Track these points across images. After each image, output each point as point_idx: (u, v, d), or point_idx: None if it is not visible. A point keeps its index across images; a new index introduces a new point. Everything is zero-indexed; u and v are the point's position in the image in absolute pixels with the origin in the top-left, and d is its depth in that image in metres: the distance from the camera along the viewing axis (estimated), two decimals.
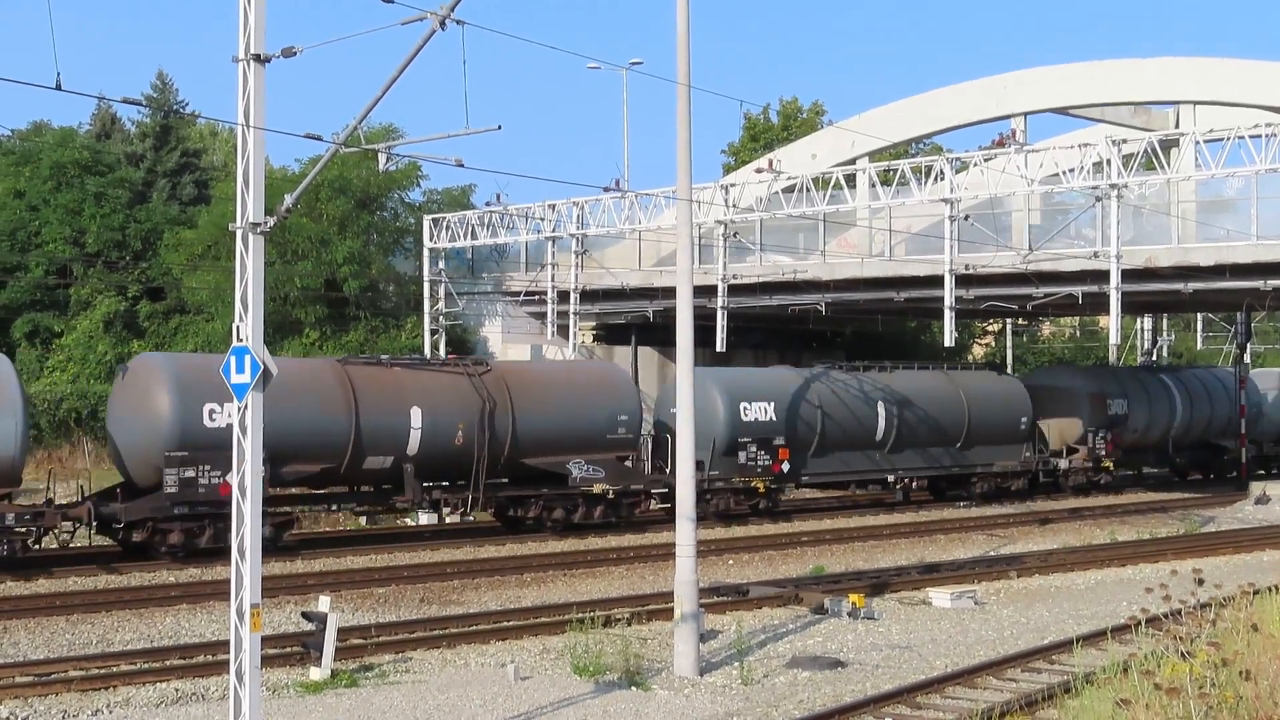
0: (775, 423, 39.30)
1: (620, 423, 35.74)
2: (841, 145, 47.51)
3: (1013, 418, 46.08)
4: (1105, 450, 48.25)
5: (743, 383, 39.94)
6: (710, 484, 37.78)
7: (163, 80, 66.67)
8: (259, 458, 13.63)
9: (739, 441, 38.23)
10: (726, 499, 38.46)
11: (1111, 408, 48.77)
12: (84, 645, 21.04)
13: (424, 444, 32.03)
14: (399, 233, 51.96)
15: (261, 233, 13.55)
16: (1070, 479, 48.04)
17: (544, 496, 34.67)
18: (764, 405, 38.93)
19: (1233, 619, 15.06)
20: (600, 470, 35.10)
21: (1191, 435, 53.48)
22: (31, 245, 48.70)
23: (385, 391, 32.07)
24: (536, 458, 34.23)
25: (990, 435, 45.13)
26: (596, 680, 18.80)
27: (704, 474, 37.10)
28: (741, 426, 38.45)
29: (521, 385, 34.41)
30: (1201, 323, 76.60)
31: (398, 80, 13.89)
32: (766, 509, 39.44)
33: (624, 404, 36.26)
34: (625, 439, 35.94)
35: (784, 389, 40.30)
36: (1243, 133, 34.00)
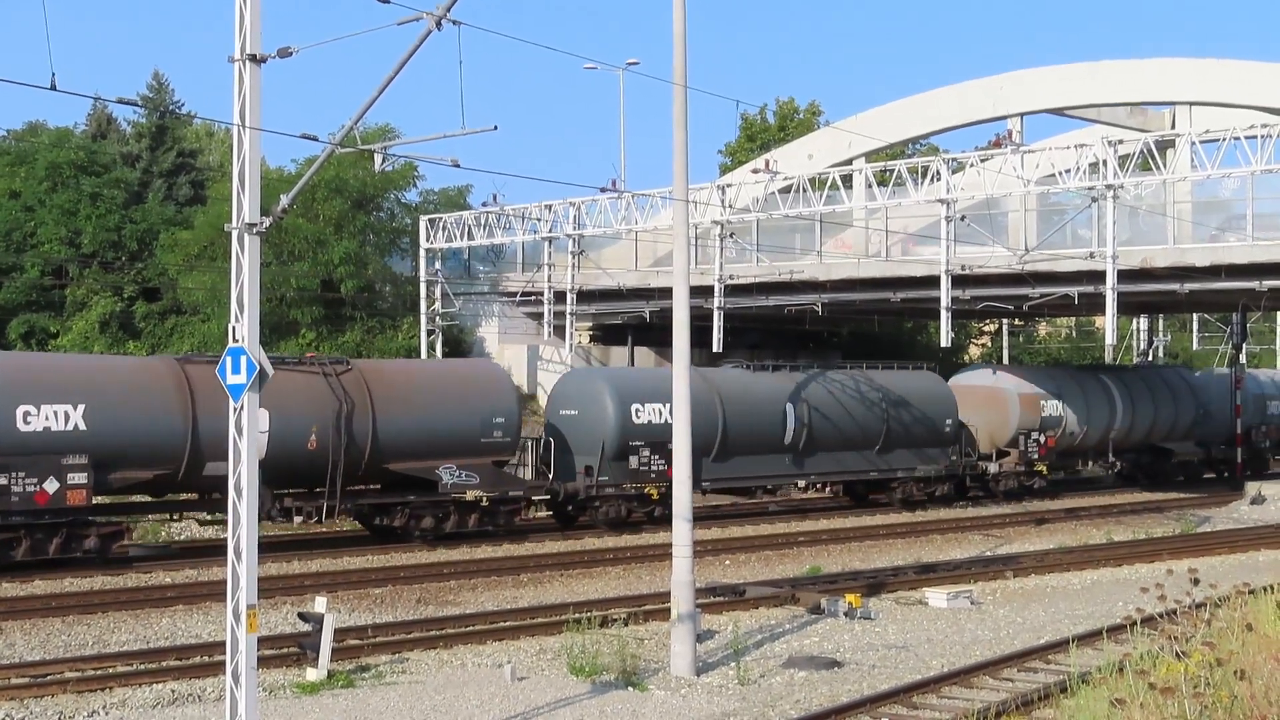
0: (669, 424, 36.98)
1: (496, 425, 33.52)
2: (838, 146, 47.56)
3: (936, 419, 43.56)
4: (1038, 453, 46.32)
5: (635, 383, 38.04)
6: (599, 490, 35.82)
7: (158, 80, 66.57)
8: (255, 459, 13.63)
9: (630, 445, 35.96)
10: (618, 506, 36.15)
11: (1045, 409, 46.57)
12: (80, 646, 21.03)
13: (273, 448, 29.28)
14: (395, 233, 51.95)
15: (257, 233, 13.56)
16: (1001, 483, 45.93)
17: (411, 504, 32.53)
18: (658, 406, 36.17)
19: (1228, 619, 15.08)
20: (474, 476, 32.98)
21: (1134, 438, 51.20)
22: (27, 246, 48.65)
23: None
24: (401, 463, 32.09)
25: (911, 438, 42.70)
26: (593, 680, 18.81)
27: (592, 479, 35.59)
28: (633, 429, 36.16)
29: (384, 385, 32.19)
30: (1197, 323, 76.71)
31: (394, 80, 13.91)
32: (662, 516, 35.41)
33: (500, 405, 33.93)
34: (502, 443, 33.76)
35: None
36: (1239, 133, 34.05)
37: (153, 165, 61.52)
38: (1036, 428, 46.21)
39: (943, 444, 43.98)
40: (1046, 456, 46.72)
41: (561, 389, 38.01)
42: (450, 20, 13.66)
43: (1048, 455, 46.75)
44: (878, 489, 43.67)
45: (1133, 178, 35.95)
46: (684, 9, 20.07)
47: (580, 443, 36.15)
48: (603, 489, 35.94)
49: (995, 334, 71.77)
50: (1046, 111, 46.19)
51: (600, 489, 35.88)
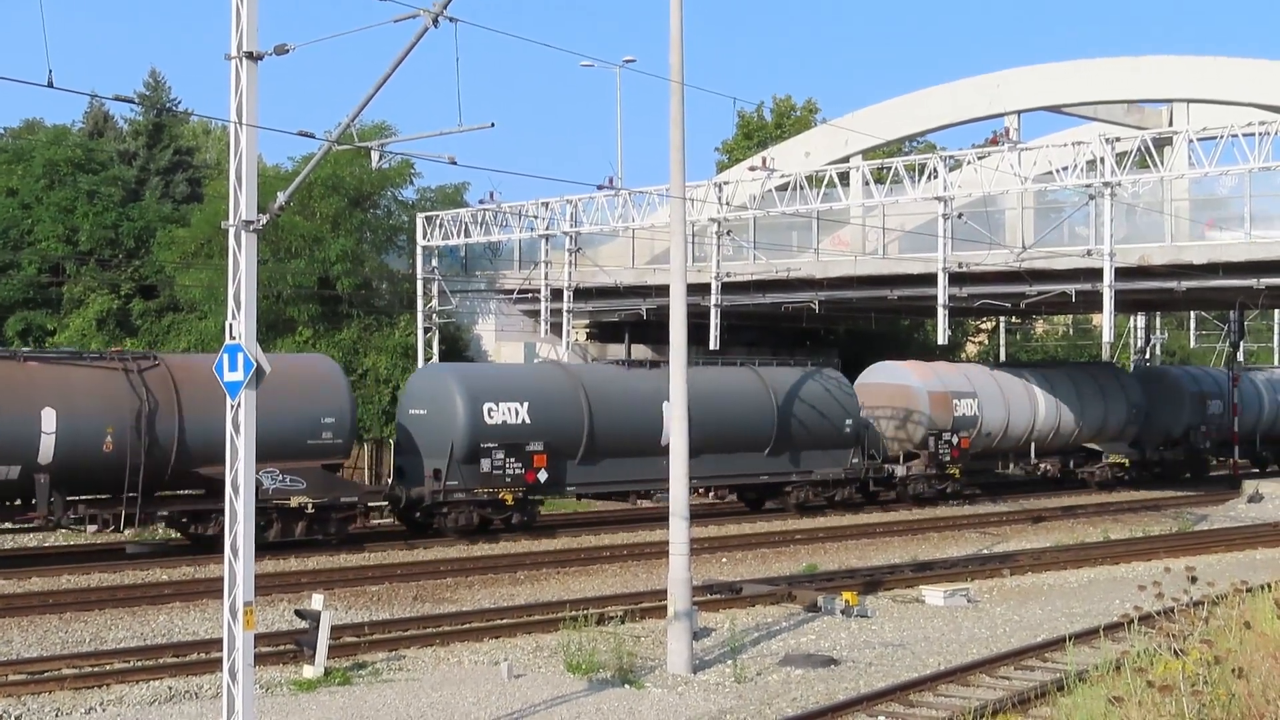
0: (529, 425, 34.49)
1: (325, 426, 30.98)
2: (835, 143, 47.50)
3: (835, 420, 41.04)
4: (951, 455, 43.74)
5: (489, 380, 35.88)
6: (446, 496, 33.42)
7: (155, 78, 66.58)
8: (252, 456, 13.62)
9: (482, 447, 33.51)
10: (468, 512, 33.74)
11: (959, 408, 44.23)
12: (77, 643, 21.03)
13: (61, 451, 27.50)
14: (392, 230, 51.89)
15: (254, 231, 13.55)
16: (910, 487, 43.38)
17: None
18: (514, 406, 34.22)
19: (1225, 616, 15.08)
20: (300, 481, 30.57)
21: (1060, 439, 48.81)
22: (24, 243, 48.62)
23: (11, 390, 27.64)
24: (214, 466, 28.20)
25: (808, 439, 40.10)
26: (590, 678, 18.81)
27: (439, 485, 33.34)
28: (485, 430, 33.78)
29: (194, 382, 29.14)
30: (1195, 321, 76.77)
31: (390, 78, 13.89)
32: (522, 524, 34.71)
33: (331, 404, 31.34)
34: (332, 444, 31.25)
35: (542, 387, 35.77)
36: (1236, 131, 34.04)
37: (150, 163, 61.50)
38: (949, 428, 43.81)
39: (843, 445, 41.46)
40: (960, 459, 44.21)
41: (411, 387, 35.94)
42: (447, 17, 13.65)
43: (961, 457, 44.24)
44: (773, 494, 41.09)
45: (1130, 175, 35.95)
46: (681, 7, 20.06)
47: (429, 445, 33.97)
48: (451, 494, 33.52)
49: (992, 332, 71.77)
50: (1043, 109, 46.16)
51: (449, 494, 33.48)
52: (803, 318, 47.49)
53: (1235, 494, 47.25)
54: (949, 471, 44.02)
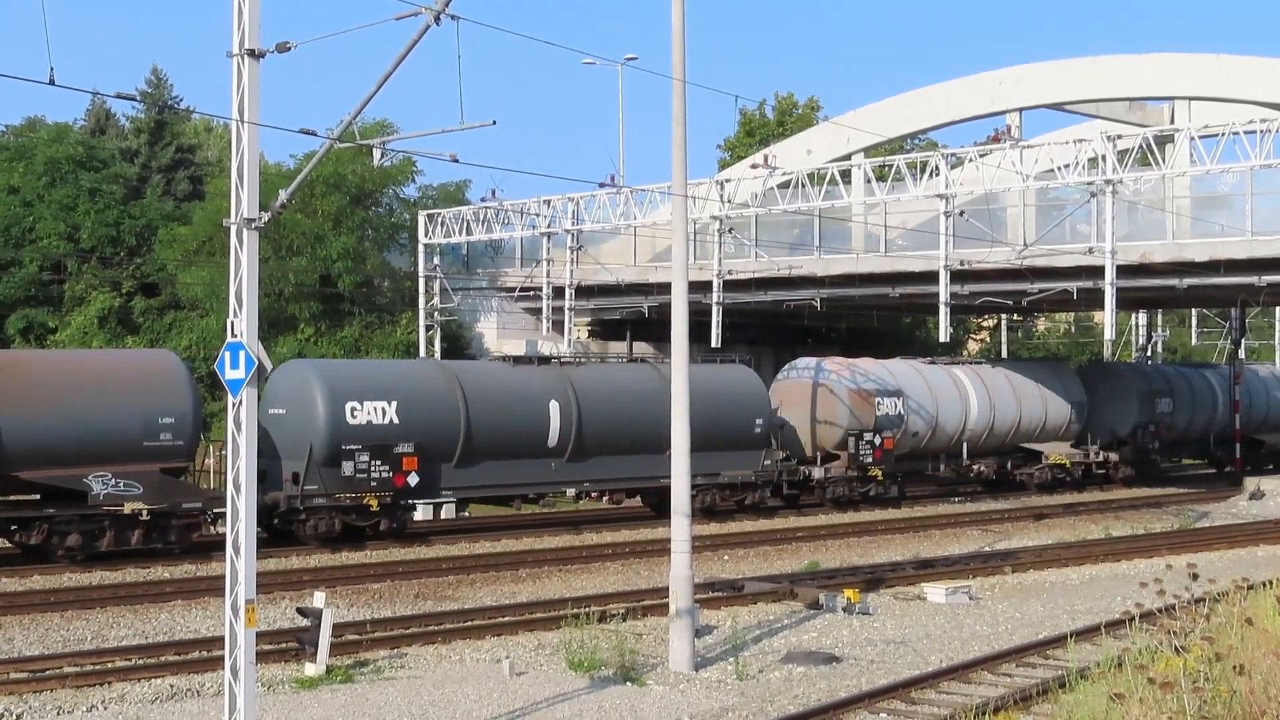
0: (397, 426, 32.20)
1: (164, 426, 28.77)
2: (837, 141, 47.51)
3: (744, 419, 38.81)
4: (873, 456, 41.60)
5: (354, 377, 33.30)
6: (305, 501, 31.14)
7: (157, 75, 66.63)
8: (254, 453, 13.62)
9: (344, 449, 31.13)
10: (329, 519, 31.39)
11: (882, 407, 42.18)
12: (79, 641, 21.04)
13: None
14: (394, 228, 51.90)
15: (256, 228, 13.55)
16: (830, 490, 41.24)
17: (52, 519, 27.86)
18: (380, 405, 32.02)
19: (1227, 613, 15.08)
20: (135, 486, 28.40)
21: (995, 439, 46.84)
22: (26, 241, 48.63)
23: None
24: (37, 470, 27.43)
25: (713, 440, 36.55)
26: (591, 675, 18.81)
27: (298, 489, 31.06)
28: (348, 431, 31.57)
29: (16, 380, 27.72)
30: (1196, 318, 76.76)
31: (392, 76, 13.89)
32: (390, 531, 32.51)
33: (170, 402, 29.05)
34: (172, 446, 28.94)
35: (412, 385, 33.49)
36: (1238, 128, 34.05)
37: (151, 160, 61.55)
38: (870, 428, 41.75)
39: (754, 446, 39.17)
40: (883, 460, 42.03)
41: (271, 384, 33.21)
42: (449, 15, 13.65)
43: (884, 459, 42.06)
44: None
45: (1132, 173, 35.96)
46: (683, 5, 20.05)
47: (288, 446, 31.64)
48: (310, 499, 31.32)
49: (994, 329, 71.79)
50: (1045, 107, 46.17)
51: (307, 499, 31.28)
52: (804, 315, 47.49)
53: (1237, 491, 47.24)
54: (871, 473, 41.85)
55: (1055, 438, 49.00)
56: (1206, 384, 55.70)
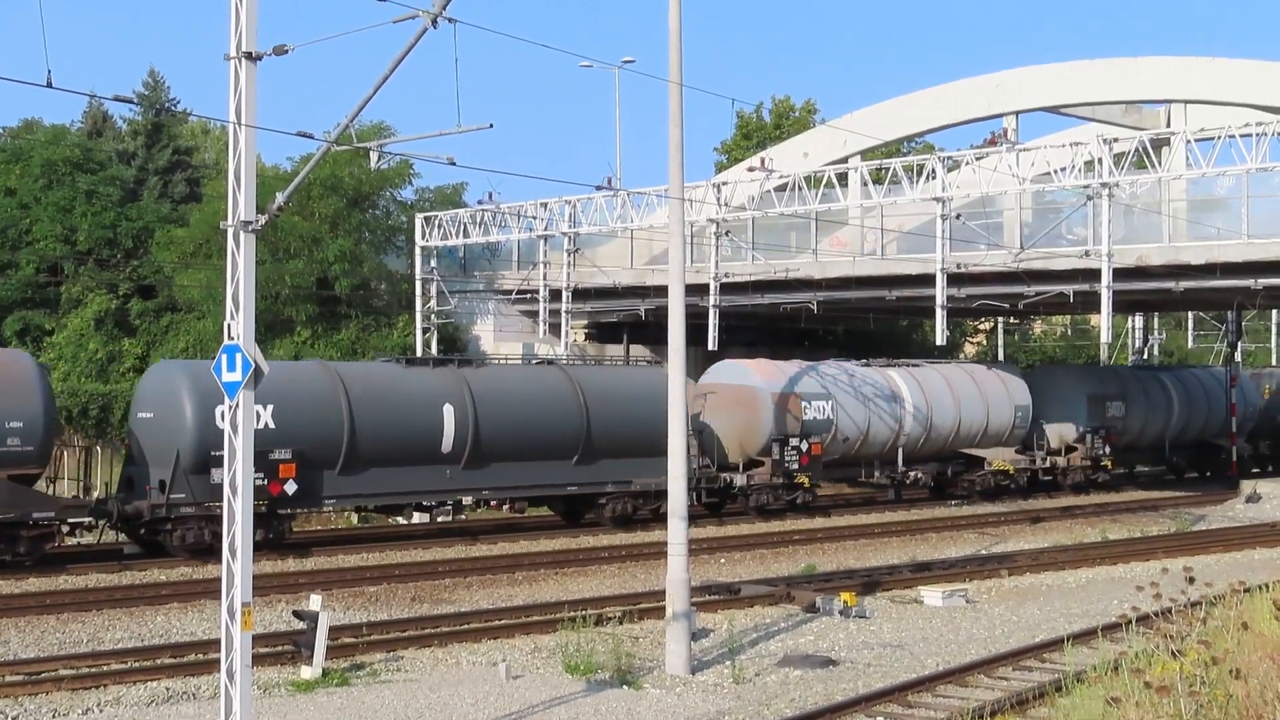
0: (273, 431, 30.04)
1: (12, 431, 27.13)
2: (833, 144, 47.53)
3: (659, 424, 35.58)
4: (800, 463, 39.83)
5: None
6: (170, 510, 29.14)
7: (154, 78, 66.49)
8: (250, 456, 13.62)
9: (214, 455, 28.11)
10: (199, 529, 29.30)
11: (809, 411, 40.32)
12: (74, 644, 21.04)
13: None
14: (391, 231, 51.91)
15: (253, 231, 13.57)
16: (753, 497, 39.34)
17: None
18: (254, 408, 31.17)
19: (1223, 617, 15.09)
20: None
21: (933, 445, 44.75)
22: (22, 243, 48.62)
23: None
24: None
25: (626, 446, 35.70)
26: (588, 679, 18.82)
27: (163, 497, 29.08)
28: (218, 436, 29.09)
29: None
30: (1193, 321, 76.84)
31: (389, 78, 13.90)
32: (266, 542, 30.07)
33: (18, 406, 27.41)
34: (21, 452, 27.30)
35: (291, 388, 31.20)
36: (1233, 132, 34.06)
37: (148, 163, 61.49)
38: (797, 433, 39.81)
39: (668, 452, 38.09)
40: (810, 466, 40.12)
41: (140, 387, 31.92)
42: (446, 18, 13.66)
43: (811, 465, 40.14)
44: (588, 506, 36.91)
45: (1128, 176, 35.97)
46: (679, 7, 20.07)
47: (155, 452, 29.94)
48: (177, 508, 29.29)
49: (990, 332, 71.82)
50: (1042, 110, 46.17)
51: (174, 508, 29.26)
52: (801, 318, 47.49)
53: (1233, 494, 47.26)
54: (798, 480, 39.96)
55: (998, 443, 46.92)
56: (1160, 387, 53.37)
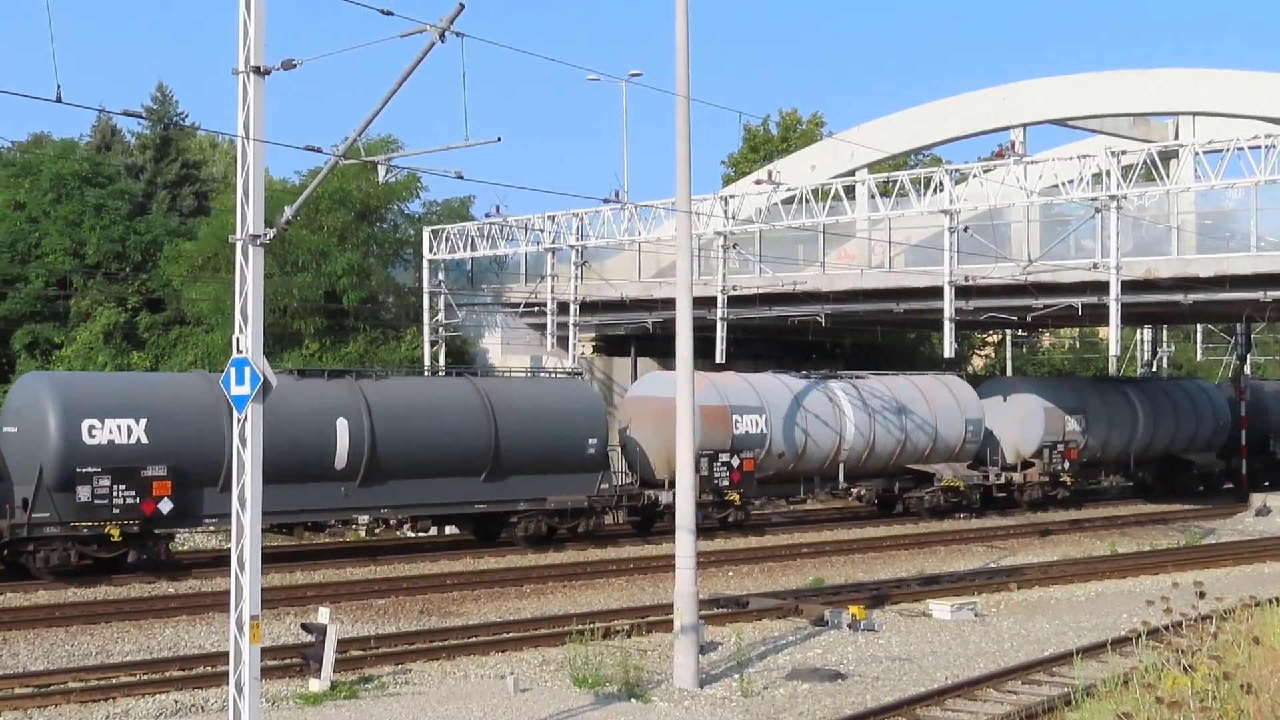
0: (146, 446, 28.58)
1: None
2: (841, 156, 47.57)
3: (576, 439, 35.26)
4: (730, 480, 37.94)
5: (96, 392, 29.43)
6: (33, 531, 27.57)
7: (163, 92, 66.75)
8: (259, 469, 13.61)
9: (80, 472, 27.40)
10: (64, 550, 27.82)
11: (741, 425, 38.60)
12: (83, 656, 21.04)
13: None
14: (399, 244, 51.99)
15: (261, 244, 13.58)
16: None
17: None
18: (125, 423, 28.36)
19: (1234, 632, 15.04)
20: None
21: (877, 461, 42.59)
22: (31, 257, 48.71)
23: None
24: None
25: (540, 462, 34.28)
26: (596, 692, 18.79)
27: (26, 517, 27.53)
28: (85, 452, 27.87)
29: None
30: (1202, 334, 76.76)
31: (397, 92, 13.93)
32: (141, 563, 28.93)
33: None
34: None
35: (166, 401, 29.68)
36: (1242, 144, 34.05)
37: (157, 176, 61.67)
38: (727, 448, 38.09)
39: (589, 469, 35.53)
40: (743, 483, 38.32)
41: (8, 399, 30.58)
42: (453, 32, 13.68)
43: (744, 481, 38.31)
44: (498, 524, 34.91)
45: (1136, 188, 35.94)
46: (686, 20, 20.09)
47: (19, 468, 28.55)
48: (41, 528, 27.76)
49: (999, 345, 71.79)
50: (1049, 122, 46.21)
51: (37, 528, 27.72)
52: (809, 331, 47.46)
53: (1243, 507, 47.14)
54: (728, 498, 38.12)
55: (949, 458, 44.85)
56: (1124, 400, 50.92)
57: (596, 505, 35.89)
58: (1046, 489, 47.37)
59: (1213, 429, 54.37)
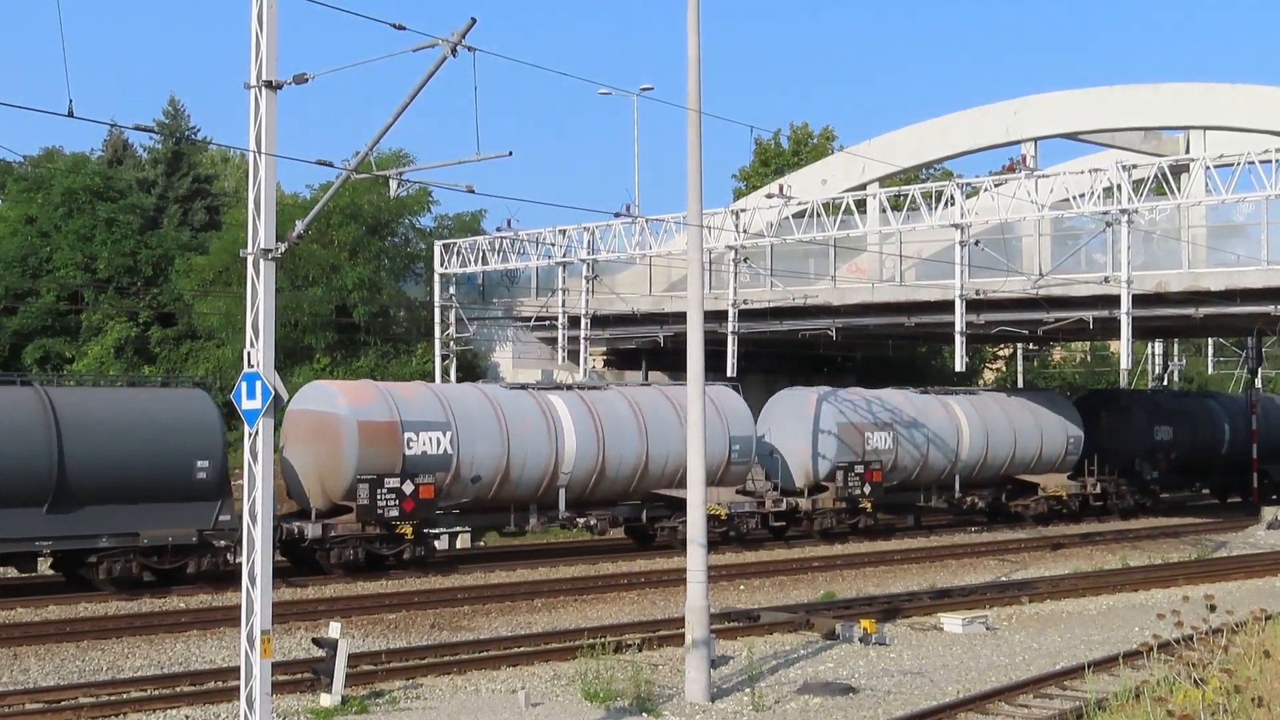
0: None
1: None
2: (852, 170, 47.61)
3: (177, 461, 28.85)
4: (402, 509, 31.60)
5: None
6: None
7: (174, 106, 66.88)
8: (270, 484, 13.64)
9: None
10: None
11: (416, 444, 32.32)
12: (94, 672, 21.03)
13: None
14: (410, 258, 52.11)
15: (273, 259, 13.61)
16: (334, 552, 31.25)
17: None
18: None
19: (1245, 645, 15.02)
20: None
21: (607, 487, 36.12)
22: (43, 271, 48.87)
23: None
24: None
25: (129, 490, 28.23)
26: (608, 706, 18.76)
27: None
28: None
29: None
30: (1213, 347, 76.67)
31: (409, 107, 13.97)
32: None
33: None
34: None
35: None
36: (1253, 158, 34.05)
37: (168, 191, 61.77)
38: (396, 471, 31.82)
39: (199, 497, 29.09)
40: (416, 513, 31.90)
41: None
42: (465, 46, 13.72)
43: (419, 510, 31.94)
44: (77, 562, 28.45)
45: (1147, 202, 35.96)
46: (698, 34, 20.12)
47: None
48: None
49: (1010, 359, 71.74)
50: (1060, 136, 46.22)
51: None
52: (820, 345, 47.47)
53: (1254, 520, 47.03)
54: (398, 530, 31.88)
55: (714, 483, 35.71)
56: (947, 413, 45.04)
57: (212, 540, 29.28)
58: (842, 516, 40.98)
59: (1064, 445, 48.54)
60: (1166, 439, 51.43)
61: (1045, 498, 47.24)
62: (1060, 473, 48.33)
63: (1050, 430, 47.82)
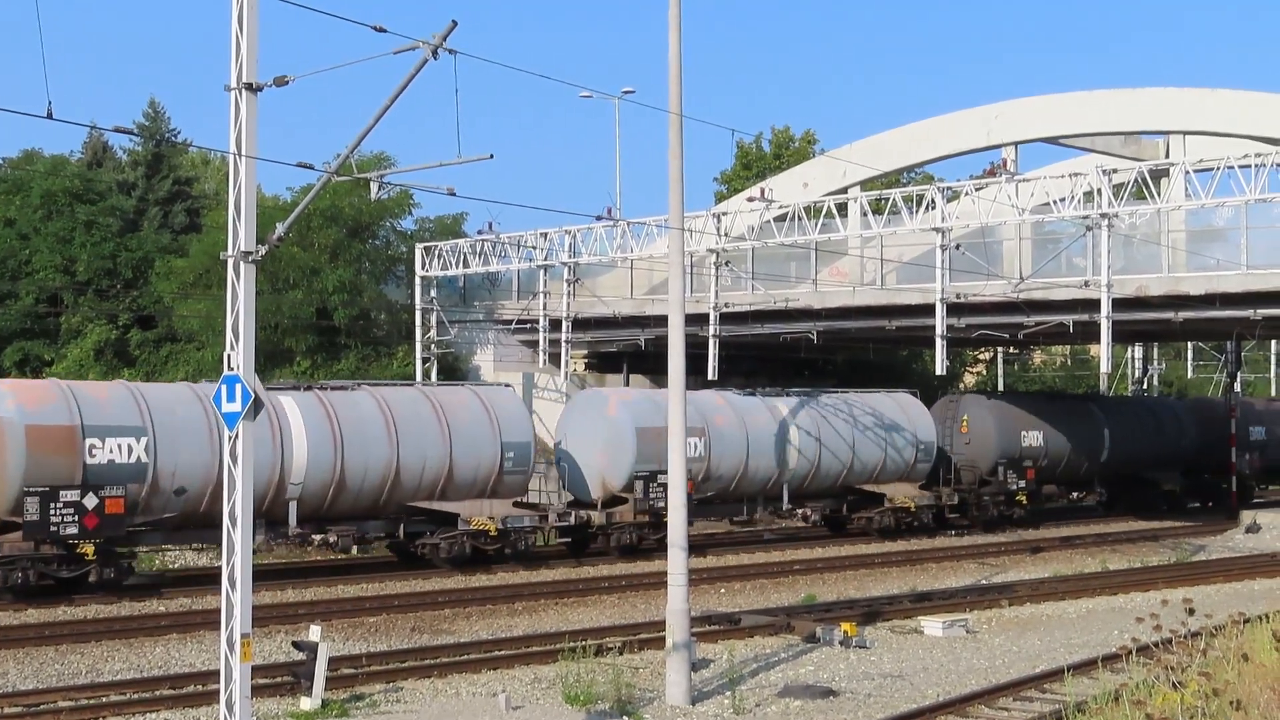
0: None
1: None
2: (833, 174, 47.65)
3: None
4: (83, 525, 27.40)
5: None
6: None
7: (154, 108, 66.66)
8: (249, 486, 13.62)
9: None
10: None
11: (101, 452, 28.12)
12: (73, 675, 20.97)
13: None
14: (391, 261, 52.01)
15: (253, 261, 13.59)
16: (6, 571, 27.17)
17: None
18: None
19: (1223, 648, 15.06)
20: None
21: (350, 499, 31.99)
22: (22, 273, 48.68)
23: None
24: None
25: None
26: (588, 710, 18.76)
27: None
28: None
29: None
30: (1192, 352, 76.90)
31: (390, 109, 13.95)
32: None
33: None
34: None
35: None
36: (1232, 163, 34.13)
37: (148, 193, 61.56)
38: (76, 482, 27.66)
39: None
40: (99, 529, 27.62)
41: None
42: (446, 49, 13.71)
43: (105, 526, 27.70)
44: None
45: (1127, 206, 36.03)
46: (679, 38, 20.14)
47: None
48: None
49: (990, 362, 71.85)
50: (1041, 140, 46.29)
51: None
52: (801, 348, 47.48)
53: (1233, 524, 47.19)
54: (79, 550, 27.68)
55: (473, 495, 33.96)
56: (769, 415, 40.78)
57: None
58: (642, 531, 37.15)
59: (913, 456, 44.26)
60: (1035, 445, 47.46)
61: (892, 509, 42.65)
62: (910, 482, 43.93)
63: (897, 436, 43.42)
